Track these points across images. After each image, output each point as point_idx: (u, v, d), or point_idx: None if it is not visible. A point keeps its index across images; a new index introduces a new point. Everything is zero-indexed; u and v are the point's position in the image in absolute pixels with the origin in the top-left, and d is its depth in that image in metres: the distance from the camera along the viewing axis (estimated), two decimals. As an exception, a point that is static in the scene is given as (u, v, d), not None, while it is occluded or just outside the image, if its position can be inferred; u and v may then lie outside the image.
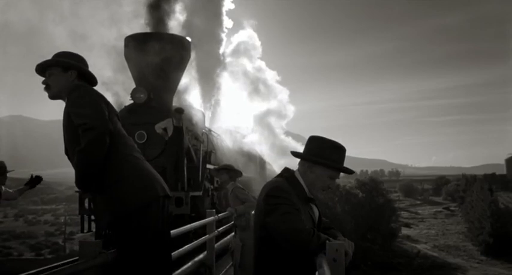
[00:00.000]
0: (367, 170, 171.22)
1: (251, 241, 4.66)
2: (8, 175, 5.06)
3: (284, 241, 1.89)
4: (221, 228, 4.16)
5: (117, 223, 2.08)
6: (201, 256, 3.35)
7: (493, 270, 27.28)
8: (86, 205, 7.48)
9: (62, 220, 44.80)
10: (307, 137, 2.20)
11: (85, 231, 7.56)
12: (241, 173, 4.97)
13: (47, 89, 2.32)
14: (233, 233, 4.62)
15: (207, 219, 3.44)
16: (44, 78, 2.32)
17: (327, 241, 1.77)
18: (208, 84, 12.53)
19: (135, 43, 8.07)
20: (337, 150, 2.07)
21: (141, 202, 2.11)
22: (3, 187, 5.01)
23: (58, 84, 2.30)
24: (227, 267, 4.44)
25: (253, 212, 5.09)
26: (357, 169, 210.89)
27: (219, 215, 3.94)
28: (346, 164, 2.12)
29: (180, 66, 8.49)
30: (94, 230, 7.61)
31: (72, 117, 2.16)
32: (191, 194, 7.05)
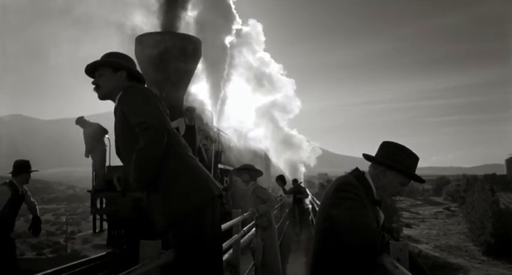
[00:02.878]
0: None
1: (272, 241, 4.69)
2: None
3: (348, 235, 1.91)
4: (245, 227, 4.16)
5: (174, 223, 2.07)
6: (226, 255, 3.34)
7: (494, 270, 27.34)
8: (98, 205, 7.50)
9: (63, 220, 44.85)
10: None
11: (97, 230, 7.57)
12: (261, 173, 4.98)
13: (96, 89, 2.30)
14: (254, 233, 4.62)
15: (234, 219, 3.44)
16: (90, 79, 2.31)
17: (390, 241, 1.79)
18: (218, 72, 12.53)
19: (145, 42, 8.06)
20: (411, 157, 2.08)
21: (198, 201, 2.10)
22: (25, 187, 5.01)
23: (109, 85, 2.28)
24: (250, 267, 4.43)
25: (275, 211, 5.11)
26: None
27: (244, 214, 3.94)
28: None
29: (191, 66, 8.50)
30: (105, 229, 7.62)
31: (128, 116, 2.14)
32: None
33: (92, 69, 2.33)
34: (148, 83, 8.25)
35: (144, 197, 2.21)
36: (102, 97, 2.33)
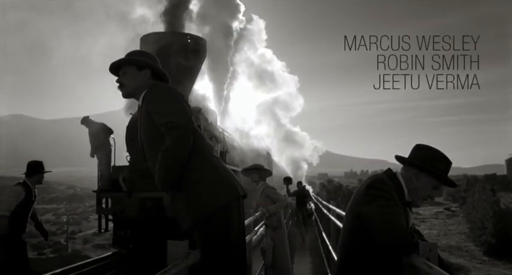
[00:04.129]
0: (367, 170, 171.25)
1: (282, 241, 4.70)
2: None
3: (379, 233, 1.92)
4: (256, 227, 4.17)
5: (199, 222, 2.07)
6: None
7: (495, 270, 27.34)
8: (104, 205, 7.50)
9: (64, 220, 44.81)
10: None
11: (102, 230, 7.56)
12: (271, 173, 4.98)
13: (120, 87, 2.29)
14: (263, 233, 4.63)
15: (246, 219, 3.44)
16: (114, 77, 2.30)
17: (419, 241, 1.79)
18: (221, 70, 12.52)
19: (150, 42, 8.07)
20: (444, 161, 2.09)
21: (223, 201, 2.10)
22: (36, 191, 5.02)
23: (133, 83, 2.27)
24: (259, 267, 4.44)
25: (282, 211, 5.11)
26: (358, 169, 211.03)
27: (256, 214, 3.95)
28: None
29: (193, 62, 8.50)
30: (111, 229, 7.63)
31: (154, 115, 2.12)
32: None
33: (116, 68, 2.32)
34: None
35: (169, 197, 2.21)
36: (126, 95, 2.32)
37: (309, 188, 20.13)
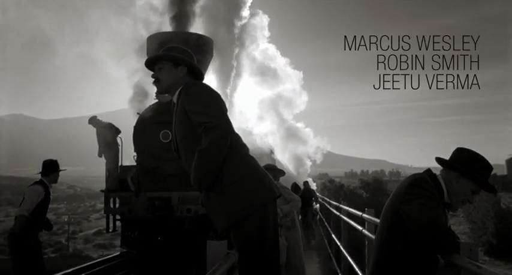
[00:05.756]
0: (367, 171, 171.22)
1: (296, 241, 4.70)
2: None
3: (421, 232, 1.92)
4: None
5: (236, 222, 2.06)
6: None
7: (496, 271, 27.35)
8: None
9: (65, 219, 44.82)
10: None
11: (110, 230, 7.56)
12: (284, 173, 4.97)
13: (156, 82, 2.28)
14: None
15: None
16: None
17: (459, 241, 1.80)
18: (226, 67, 12.47)
19: (157, 43, 8.06)
20: (485, 166, 2.11)
21: (260, 202, 2.09)
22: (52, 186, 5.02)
23: (169, 79, 2.26)
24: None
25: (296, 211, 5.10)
26: (358, 169, 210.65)
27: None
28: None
29: (202, 66, 8.50)
30: (119, 229, 7.62)
31: (191, 115, 2.12)
32: (217, 193, 7.05)
33: (152, 63, 2.31)
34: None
35: (203, 197, 2.20)
36: (161, 91, 2.32)
37: (313, 186, 19.98)
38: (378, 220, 3.65)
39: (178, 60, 2.28)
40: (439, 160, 2.18)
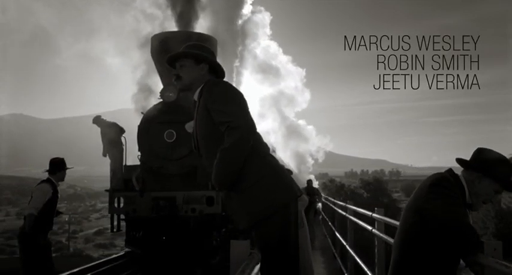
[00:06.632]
0: (367, 170, 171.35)
1: (305, 240, 4.68)
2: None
3: (446, 230, 1.92)
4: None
5: (258, 223, 2.05)
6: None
7: None
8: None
9: (66, 219, 44.82)
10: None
11: (114, 230, 7.55)
12: (291, 172, 4.96)
13: (177, 80, 2.28)
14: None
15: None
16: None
17: (483, 240, 1.79)
18: (229, 65, 12.43)
19: (161, 42, 8.05)
20: (508, 165, 2.12)
21: (283, 202, 2.08)
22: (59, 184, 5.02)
23: (190, 76, 2.25)
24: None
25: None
26: (358, 169, 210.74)
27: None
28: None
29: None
30: (123, 229, 7.62)
31: (213, 113, 2.10)
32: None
33: (173, 60, 2.30)
34: (163, 83, 8.23)
35: (223, 197, 2.19)
36: (182, 88, 2.31)
37: (315, 185, 19.91)
38: (388, 219, 3.67)
39: (200, 58, 2.27)
40: (459, 161, 2.18)
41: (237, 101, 2.14)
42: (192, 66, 2.26)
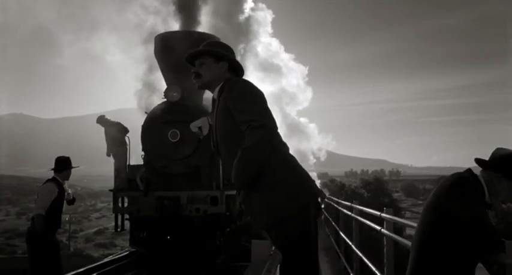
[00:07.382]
0: (367, 170, 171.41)
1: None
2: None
3: (468, 229, 1.92)
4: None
5: (279, 223, 2.03)
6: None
7: (498, 270, 27.41)
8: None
9: (66, 219, 44.76)
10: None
11: (118, 229, 7.55)
12: None
13: (196, 78, 2.25)
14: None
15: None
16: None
17: (504, 240, 1.80)
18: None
19: (164, 42, 8.04)
20: None
21: (303, 202, 2.06)
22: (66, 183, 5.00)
23: (210, 74, 2.22)
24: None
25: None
26: (358, 169, 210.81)
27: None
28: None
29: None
30: (127, 228, 7.61)
31: (234, 112, 2.08)
32: (226, 193, 7.03)
33: (193, 58, 2.28)
34: (167, 83, 8.21)
35: (242, 196, 2.17)
36: (201, 86, 2.28)
37: (317, 183, 19.79)
38: (398, 219, 3.68)
39: (220, 56, 2.24)
40: (479, 162, 2.18)
41: (259, 100, 2.12)
42: (212, 64, 2.23)
